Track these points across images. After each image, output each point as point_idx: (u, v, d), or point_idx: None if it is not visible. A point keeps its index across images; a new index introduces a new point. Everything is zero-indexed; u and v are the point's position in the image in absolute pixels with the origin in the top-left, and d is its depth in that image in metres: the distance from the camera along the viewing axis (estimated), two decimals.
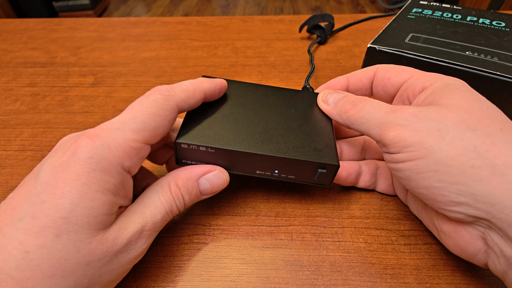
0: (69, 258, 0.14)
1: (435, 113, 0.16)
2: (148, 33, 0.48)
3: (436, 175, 0.15)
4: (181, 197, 0.19)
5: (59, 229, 0.14)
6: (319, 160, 0.19)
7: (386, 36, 0.27)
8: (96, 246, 0.15)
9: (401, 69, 0.21)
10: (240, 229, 0.22)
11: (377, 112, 0.18)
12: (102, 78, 0.38)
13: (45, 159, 0.16)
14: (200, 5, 2.29)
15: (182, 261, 0.20)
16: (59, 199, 0.14)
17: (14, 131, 0.31)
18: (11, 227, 0.14)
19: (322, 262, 0.20)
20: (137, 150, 0.16)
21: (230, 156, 0.19)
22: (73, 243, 0.14)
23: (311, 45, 0.39)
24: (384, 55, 0.25)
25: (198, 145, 0.19)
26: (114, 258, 0.15)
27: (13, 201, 0.15)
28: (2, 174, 0.26)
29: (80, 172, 0.14)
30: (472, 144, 0.15)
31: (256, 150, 0.19)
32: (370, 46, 0.26)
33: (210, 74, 0.38)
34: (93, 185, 0.15)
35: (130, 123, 0.16)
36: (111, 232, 0.15)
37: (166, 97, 0.18)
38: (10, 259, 0.13)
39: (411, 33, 0.27)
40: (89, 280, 0.15)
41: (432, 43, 0.25)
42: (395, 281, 0.19)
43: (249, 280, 0.19)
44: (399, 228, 0.22)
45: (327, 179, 0.20)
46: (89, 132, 0.16)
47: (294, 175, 0.20)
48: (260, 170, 0.20)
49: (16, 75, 0.39)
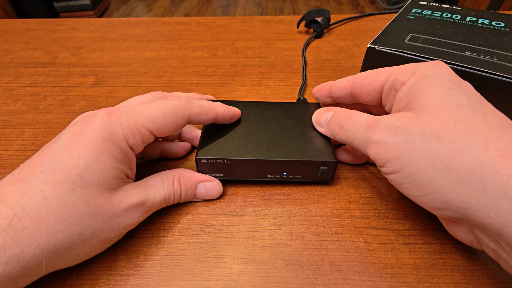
0: (79, 208, 0.16)
1: (404, 124, 0.17)
2: (148, 33, 0.48)
3: (413, 186, 0.17)
4: (179, 192, 0.22)
5: (74, 183, 0.16)
6: (320, 158, 0.22)
7: (385, 37, 0.27)
8: (103, 202, 0.17)
9: (377, 72, 0.21)
10: (240, 229, 0.22)
11: (357, 131, 0.19)
12: (103, 78, 0.38)
13: (66, 128, 0.19)
14: (201, 6, 2.30)
15: (182, 261, 0.20)
16: (76, 159, 0.17)
17: (15, 131, 0.31)
18: (33, 177, 0.16)
19: (322, 262, 0.20)
20: (142, 134, 0.19)
21: (244, 164, 0.22)
22: (84, 196, 0.16)
23: (308, 41, 0.39)
24: (383, 55, 0.25)
25: (215, 158, 0.22)
26: (115, 218, 0.18)
27: (37, 158, 0.17)
28: (3, 174, 0.26)
29: (94, 139, 0.17)
30: (437, 155, 0.16)
31: (265, 157, 0.22)
32: (369, 47, 0.26)
33: (210, 74, 0.38)
34: (104, 152, 0.17)
35: (145, 113, 0.19)
36: (117, 195, 0.18)
37: (182, 106, 0.21)
38: (31, 202, 0.15)
39: (410, 33, 0.27)
40: (91, 231, 0.17)
41: (431, 43, 0.25)
42: (395, 280, 0.19)
43: (249, 279, 0.19)
44: (399, 228, 0.22)
45: (329, 175, 0.23)
46: (108, 109, 0.19)
47: (300, 175, 0.23)
48: (271, 173, 0.23)
49: (17, 75, 0.39)
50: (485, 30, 0.27)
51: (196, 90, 0.36)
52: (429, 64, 0.19)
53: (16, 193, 0.15)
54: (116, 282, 0.19)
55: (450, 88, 0.17)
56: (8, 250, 0.14)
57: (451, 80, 0.17)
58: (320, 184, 0.25)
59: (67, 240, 0.16)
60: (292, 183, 0.25)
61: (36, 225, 0.15)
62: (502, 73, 0.21)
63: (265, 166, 0.22)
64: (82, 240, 0.17)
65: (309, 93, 0.35)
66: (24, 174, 0.16)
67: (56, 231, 0.16)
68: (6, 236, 0.14)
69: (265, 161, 0.22)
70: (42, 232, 0.15)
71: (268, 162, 0.22)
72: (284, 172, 0.23)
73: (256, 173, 0.23)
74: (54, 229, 0.15)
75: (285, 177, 0.23)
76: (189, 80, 0.37)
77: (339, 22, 0.48)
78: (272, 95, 0.35)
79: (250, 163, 0.22)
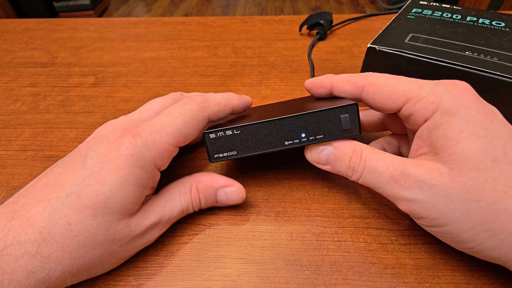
0: (100, 234, 0.17)
1: (439, 183, 0.16)
2: (148, 33, 0.48)
3: (453, 241, 0.17)
4: (198, 201, 0.21)
5: (96, 210, 0.16)
6: (337, 105, 0.19)
7: (386, 36, 0.27)
8: (121, 228, 0.18)
9: (391, 88, 0.19)
10: (240, 229, 0.22)
11: (379, 182, 0.18)
12: (103, 78, 0.38)
13: (91, 145, 0.18)
14: (200, 5, 2.30)
15: (182, 261, 0.20)
16: (101, 186, 0.17)
17: (15, 131, 0.31)
18: (58, 200, 0.16)
19: (322, 262, 0.20)
20: (170, 152, 0.19)
21: (256, 132, 0.20)
22: (105, 223, 0.17)
23: (312, 43, 0.39)
24: (384, 55, 0.25)
25: (224, 129, 0.20)
26: (132, 240, 0.18)
27: (61, 178, 0.17)
28: (3, 174, 0.26)
29: (121, 166, 0.17)
30: (479, 218, 0.15)
31: (279, 116, 0.20)
32: (370, 46, 0.26)
33: (210, 74, 0.38)
34: (130, 179, 0.17)
35: (167, 128, 0.19)
36: (134, 219, 0.18)
37: (201, 109, 0.20)
38: (56, 227, 0.16)
39: (411, 33, 0.27)
40: (109, 254, 0.18)
41: (432, 43, 0.25)
42: (395, 280, 0.19)
43: (249, 279, 0.19)
44: (399, 228, 0.22)
45: (354, 124, 0.20)
46: (133, 131, 0.18)
47: (321, 133, 0.20)
48: (288, 139, 0.20)
49: (17, 75, 0.39)
50: (486, 30, 0.27)
51: (196, 90, 0.36)
52: (451, 93, 0.17)
53: (42, 215, 0.16)
54: (116, 283, 0.19)
55: (484, 137, 0.16)
56: (36, 274, 0.15)
57: (483, 123, 0.16)
58: (322, 183, 0.25)
59: (88, 263, 0.17)
60: (291, 182, 0.24)
61: (61, 250, 0.16)
62: (503, 73, 0.21)
63: (280, 129, 0.20)
64: (102, 261, 0.18)
65: None
66: (50, 194, 0.16)
67: (78, 256, 0.16)
68: (34, 261, 0.15)
69: (279, 122, 0.20)
70: (66, 257, 0.16)
71: (282, 123, 0.20)
72: (303, 133, 0.20)
73: (272, 142, 0.20)
74: (77, 253, 0.16)
75: (304, 141, 0.20)
76: (189, 80, 0.37)
77: (341, 23, 0.48)
78: (272, 95, 0.35)
79: (263, 128, 0.20)
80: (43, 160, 0.27)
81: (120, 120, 0.21)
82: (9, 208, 0.16)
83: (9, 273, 0.14)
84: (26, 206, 0.16)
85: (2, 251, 0.14)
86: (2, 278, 0.14)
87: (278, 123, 0.20)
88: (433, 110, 0.17)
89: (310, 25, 0.44)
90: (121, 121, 0.20)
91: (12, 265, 0.14)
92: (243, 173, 0.26)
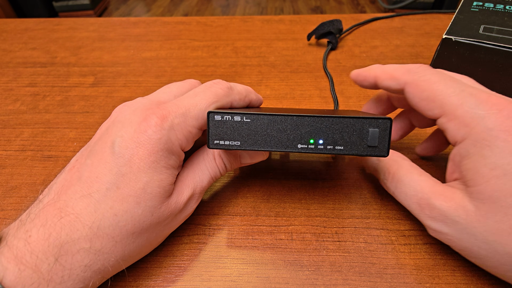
0: (146, 220, 0.17)
1: (464, 221, 0.16)
2: (148, 33, 0.48)
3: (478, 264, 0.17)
4: (223, 166, 0.21)
5: (139, 197, 0.17)
6: (368, 116, 0.17)
7: (458, 28, 0.27)
8: (164, 210, 0.18)
9: (431, 97, 0.17)
10: (240, 229, 0.22)
11: (408, 204, 0.19)
12: (102, 78, 0.38)
13: (115, 131, 0.18)
14: (200, 5, 2.29)
15: (182, 261, 0.20)
16: (137, 173, 0.17)
17: (14, 131, 0.31)
18: (99, 193, 0.16)
19: (322, 262, 0.20)
20: (193, 135, 0.19)
21: (269, 125, 0.17)
22: (149, 208, 0.17)
23: (326, 55, 0.38)
24: (460, 45, 0.25)
25: (233, 113, 0.17)
26: (175, 218, 0.19)
27: (94, 169, 0.17)
28: (2, 174, 0.26)
29: (151, 151, 0.17)
30: (504, 258, 0.16)
31: (297, 114, 0.17)
32: (445, 37, 0.26)
33: (210, 74, 0.38)
34: (162, 162, 0.17)
35: (192, 110, 0.19)
36: (173, 197, 0.19)
37: (226, 93, 0.20)
38: (104, 220, 0.16)
39: (482, 24, 0.27)
40: (156, 234, 0.19)
41: (507, 34, 0.25)
42: (395, 281, 0.19)
43: (249, 280, 0.19)
44: (399, 228, 0.22)
45: (383, 142, 0.17)
46: (158, 113, 0.18)
47: (342, 144, 0.17)
48: (302, 142, 0.18)
49: (16, 75, 0.39)
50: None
51: None
52: (490, 120, 0.15)
53: (88, 210, 0.16)
54: (116, 283, 0.19)
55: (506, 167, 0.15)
56: (92, 266, 0.16)
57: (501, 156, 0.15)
58: (322, 183, 0.25)
59: (138, 247, 0.18)
60: (291, 182, 0.24)
61: (113, 241, 0.16)
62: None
63: (296, 128, 0.17)
64: (150, 243, 0.19)
65: None
66: (89, 188, 0.17)
67: (128, 243, 0.17)
68: (89, 255, 0.16)
69: (296, 119, 0.17)
70: (118, 246, 0.17)
71: (300, 121, 0.17)
72: (321, 138, 0.17)
73: (283, 142, 0.18)
74: (127, 241, 0.17)
75: (321, 148, 0.17)
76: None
77: (348, 31, 0.47)
78: (272, 95, 0.34)
79: (277, 123, 0.17)
80: (43, 160, 0.27)
81: (137, 101, 0.20)
82: (54, 206, 0.16)
83: (69, 269, 0.15)
84: (69, 203, 0.16)
85: (60, 249, 0.15)
86: (63, 273, 0.15)
87: (295, 120, 0.17)
88: (463, 136, 0.16)
89: (319, 35, 0.43)
90: (139, 102, 0.20)
91: (70, 261, 0.15)
92: (243, 173, 0.26)
